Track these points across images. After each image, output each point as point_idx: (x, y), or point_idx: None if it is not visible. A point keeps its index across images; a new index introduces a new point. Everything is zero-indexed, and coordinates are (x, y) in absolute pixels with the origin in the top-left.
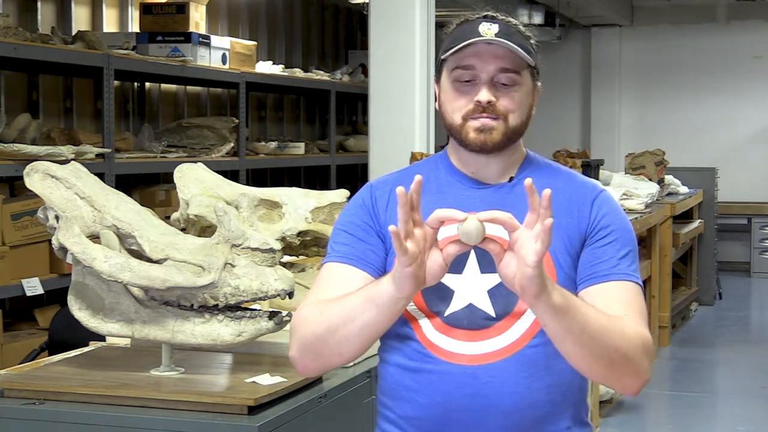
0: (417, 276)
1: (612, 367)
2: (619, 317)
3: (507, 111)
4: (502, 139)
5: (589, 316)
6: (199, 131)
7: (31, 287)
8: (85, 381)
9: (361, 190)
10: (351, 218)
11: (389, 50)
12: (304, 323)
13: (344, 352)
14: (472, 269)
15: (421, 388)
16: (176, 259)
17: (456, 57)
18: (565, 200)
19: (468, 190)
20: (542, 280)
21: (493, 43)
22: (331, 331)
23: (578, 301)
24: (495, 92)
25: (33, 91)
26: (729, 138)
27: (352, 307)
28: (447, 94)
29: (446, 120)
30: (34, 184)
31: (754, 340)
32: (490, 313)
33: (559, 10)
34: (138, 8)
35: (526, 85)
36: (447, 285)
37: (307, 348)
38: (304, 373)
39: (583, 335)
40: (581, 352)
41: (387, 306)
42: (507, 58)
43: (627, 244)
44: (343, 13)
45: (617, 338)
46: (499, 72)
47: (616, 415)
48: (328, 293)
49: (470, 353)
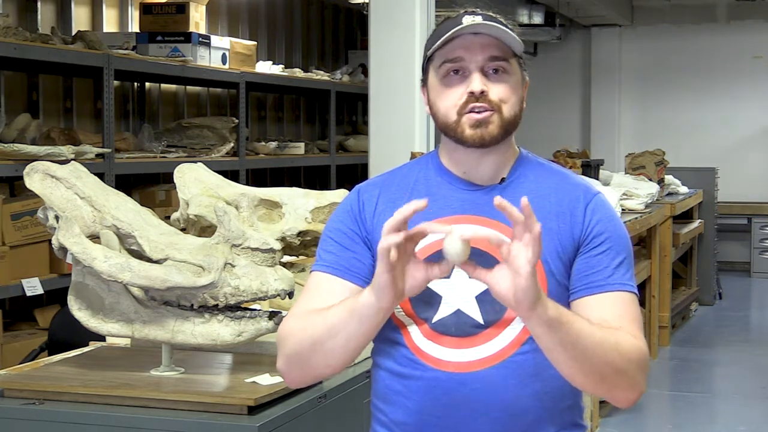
0: (396, 285)
1: (604, 381)
2: (614, 330)
3: (500, 101)
4: (499, 132)
5: (583, 329)
6: (199, 131)
7: (31, 287)
8: (85, 381)
9: (349, 195)
10: (338, 225)
11: (389, 50)
12: (289, 336)
13: (331, 364)
14: (460, 273)
15: (410, 393)
16: (176, 259)
17: (442, 52)
18: (557, 203)
19: (458, 192)
20: (537, 291)
21: (479, 32)
22: (316, 344)
23: (571, 314)
24: (486, 82)
25: (33, 91)
26: (729, 138)
27: (335, 320)
28: (437, 92)
29: (440, 119)
30: (34, 184)
31: (754, 340)
32: (478, 320)
33: (559, 10)
34: (138, 8)
35: (516, 75)
36: (435, 290)
37: (294, 361)
38: (293, 384)
39: (576, 349)
40: (573, 364)
41: (368, 317)
42: (494, 46)
43: (621, 252)
44: (343, 13)
45: (611, 353)
46: (488, 61)
47: (616, 415)
48: (314, 304)
49: (458, 360)
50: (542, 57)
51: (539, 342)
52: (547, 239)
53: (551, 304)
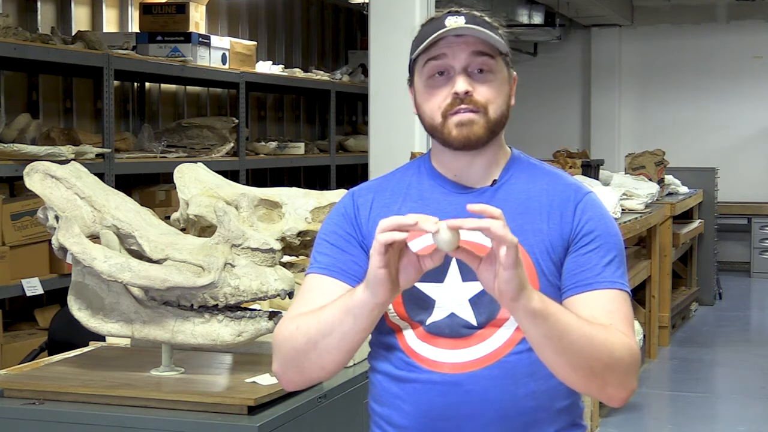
0: (391, 279)
1: (593, 377)
2: (604, 327)
3: (486, 101)
4: (485, 133)
5: (571, 323)
6: (199, 131)
7: (31, 287)
8: (85, 381)
9: (343, 198)
10: (333, 227)
11: (389, 50)
12: (284, 338)
13: (326, 365)
14: (453, 278)
15: (406, 396)
16: (176, 259)
17: (427, 53)
18: (548, 204)
19: (450, 195)
20: (519, 283)
21: (462, 34)
22: (311, 344)
23: (559, 307)
24: (471, 82)
25: (33, 91)
26: (729, 138)
27: (329, 319)
28: (422, 94)
29: (426, 121)
30: (34, 184)
31: (754, 340)
32: (472, 322)
33: (559, 10)
34: (138, 8)
35: (501, 73)
36: (428, 295)
37: (289, 363)
38: (289, 387)
39: (563, 342)
40: (561, 360)
41: (363, 314)
42: (478, 45)
43: (612, 250)
44: (343, 13)
45: (600, 348)
46: (472, 58)
47: (616, 415)
48: (309, 306)
49: (452, 361)
50: (542, 57)
51: (527, 336)
52: (538, 239)
53: (537, 296)
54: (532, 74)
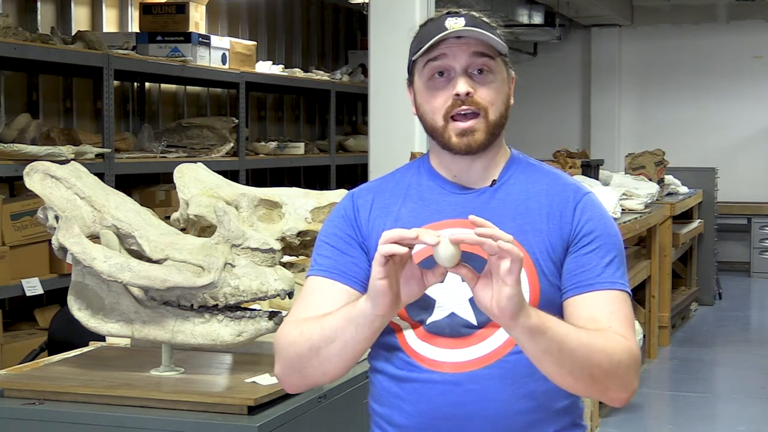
0: (392, 291)
1: (594, 383)
2: (602, 331)
3: (486, 103)
4: (486, 137)
5: (568, 334)
6: (199, 131)
7: (30, 287)
8: (85, 381)
9: (343, 200)
10: (333, 229)
11: (389, 50)
12: (287, 343)
13: (328, 372)
14: (453, 277)
15: (407, 396)
16: (176, 259)
17: (426, 55)
18: (548, 204)
19: (449, 195)
20: (521, 300)
21: (462, 36)
22: (313, 351)
23: (555, 319)
24: (472, 83)
25: (33, 91)
26: (729, 138)
27: (332, 327)
28: (423, 96)
29: (427, 123)
30: (34, 184)
31: (754, 340)
32: (472, 322)
33: (559, 10)
34: (138, 8)
35: (501, 73)
36: (428, 294)
37: (291, 367)
38: (290, 390)
39: (562, 353)
40: (561, 370)
41: (365, 324)
42: (478, 45)
43: (611, 250)
44: (343, 13)
45: (598, 355)
46: (472, 59)
47: (616, 415)
48: (311, 309)
49: (453, 361)
50: (542, 57)
51: (526, 352)
52: (538, 240)
53: (533, 312)
54: (532, 74)
